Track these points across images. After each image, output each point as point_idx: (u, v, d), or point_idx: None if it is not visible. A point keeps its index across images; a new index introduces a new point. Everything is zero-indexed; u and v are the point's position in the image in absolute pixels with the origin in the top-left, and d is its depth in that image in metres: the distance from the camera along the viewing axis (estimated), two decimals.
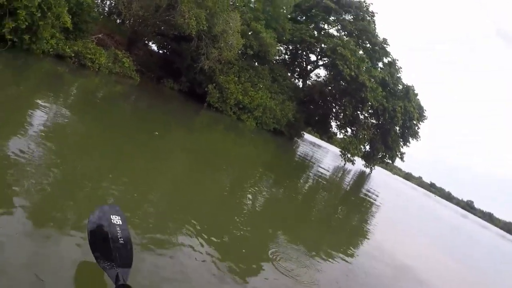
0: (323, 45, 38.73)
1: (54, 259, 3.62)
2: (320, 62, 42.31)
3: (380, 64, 41.05)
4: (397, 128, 40.00)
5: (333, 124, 43.74)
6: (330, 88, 39.88)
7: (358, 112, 38.95)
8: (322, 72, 42.98)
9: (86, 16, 17.87)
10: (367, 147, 41.17)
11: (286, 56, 43.20)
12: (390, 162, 46.72)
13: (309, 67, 43.52)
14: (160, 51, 33.05)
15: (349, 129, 41.01)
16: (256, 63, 33.53)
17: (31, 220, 4.02)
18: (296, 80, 42.94)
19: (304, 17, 41.39)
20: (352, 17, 40.89)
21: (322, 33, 40.76)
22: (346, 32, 40.25)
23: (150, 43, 32.70)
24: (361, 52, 37.70)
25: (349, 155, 36.80)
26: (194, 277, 4.48)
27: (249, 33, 30.29)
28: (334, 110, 41.75)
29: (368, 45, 40.53)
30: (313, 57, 42.87)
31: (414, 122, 40.60)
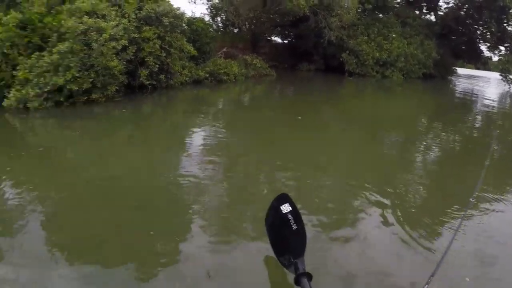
0: None
1: (237, 263, 3.73)
2: None
3: None
4: None
5: (483, 48, 38.15)
6: (464, 10, 34.84)
7: (504, 25, 32.72)
8: None
9: (205, 38, 18.72)
10: None
11: None
12: None
13: None
14: (284, 41, 33.02)
15: (501, 48, 34.84)
16: (380, 15, 30.85)
17: (214, 226, 4.38)
18: (427, 16, 38.48)
19: None
20: None
21: None
22: None
23: (272, 37, 32.76)
24: None
25: (511, 76, 31.20)
26: (372, 256, 4.00)
27: None
28: (478, 33, 36.25)
29: None
30: None
31: None
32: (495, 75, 44.71)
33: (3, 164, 6.44)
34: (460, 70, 52.34)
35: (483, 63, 45.99)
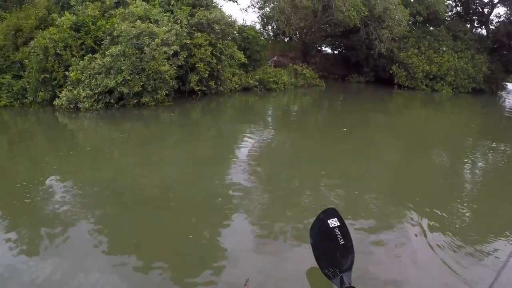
0: None
1: (281, 270, 3.62)
2: (495, 0, 35.46)
3: None
4: None
5: None
6: None
7: None
8: (501, 10, 36.16)
9: (255, 46, 18.84)
10: None
11: (458, 8, 37.32)
12: None
13: (485, 10, 36.62)
14: (335, 51, 32.51)
15: None
16: (431, 27, 29.56)
17: (258, 235, 4.27)
18: (479, 29, 36.84)
19: None
20: None
21: None
22: None
23: (323, 48, 32.44)
24: None
25: None
26: (418, 275, 3.77)
27: (411, 0, 26.90)
28: None
29: None
30: None
31: None
32: None
33: (51, 162, 6.40)
34: (510, 86, 50.10)
35: None
